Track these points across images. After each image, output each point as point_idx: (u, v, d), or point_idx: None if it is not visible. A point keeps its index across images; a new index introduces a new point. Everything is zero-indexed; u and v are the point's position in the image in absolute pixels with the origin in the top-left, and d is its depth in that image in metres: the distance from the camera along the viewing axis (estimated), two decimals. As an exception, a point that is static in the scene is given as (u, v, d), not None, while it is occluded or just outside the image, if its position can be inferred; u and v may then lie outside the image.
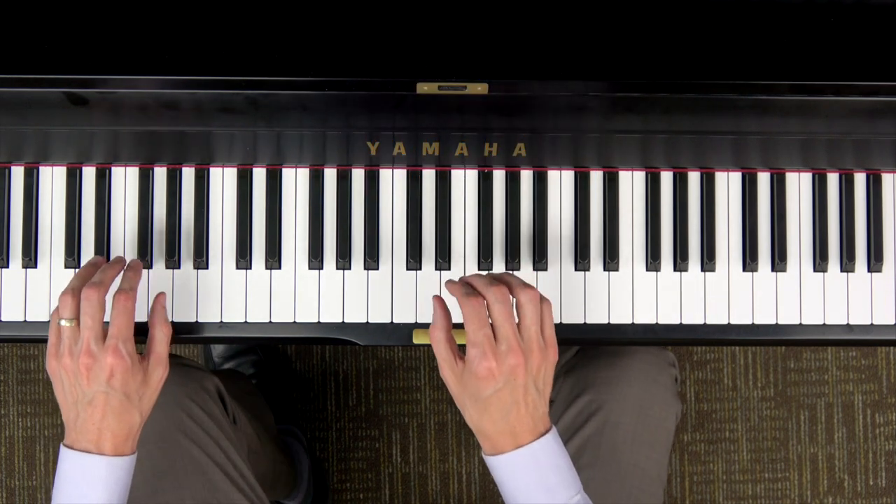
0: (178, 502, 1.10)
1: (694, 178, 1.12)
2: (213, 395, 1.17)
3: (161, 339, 1.00)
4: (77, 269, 1.08)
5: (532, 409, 0.94)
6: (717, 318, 1.11)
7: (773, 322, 1.12)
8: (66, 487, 0.94)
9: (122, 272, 1.01)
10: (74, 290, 0.96)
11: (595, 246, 1.11)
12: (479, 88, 0.96)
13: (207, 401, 1.15)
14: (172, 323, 1.06)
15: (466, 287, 0.97)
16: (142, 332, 1.00)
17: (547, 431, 0.95)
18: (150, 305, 1.04)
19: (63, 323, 0.95)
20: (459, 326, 0.98)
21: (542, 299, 0.97)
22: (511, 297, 0.96)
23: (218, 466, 1.13)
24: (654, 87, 0.97)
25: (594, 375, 1.19)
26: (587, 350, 1.25)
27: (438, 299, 0.99)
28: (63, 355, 0.95)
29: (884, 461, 1.85)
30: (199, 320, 1.09)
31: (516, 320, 0.96)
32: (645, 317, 1.11)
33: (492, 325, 0.95)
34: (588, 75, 0.97)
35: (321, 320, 1.10)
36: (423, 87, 0.95)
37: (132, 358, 0.95)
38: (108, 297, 0.97)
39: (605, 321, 1.11)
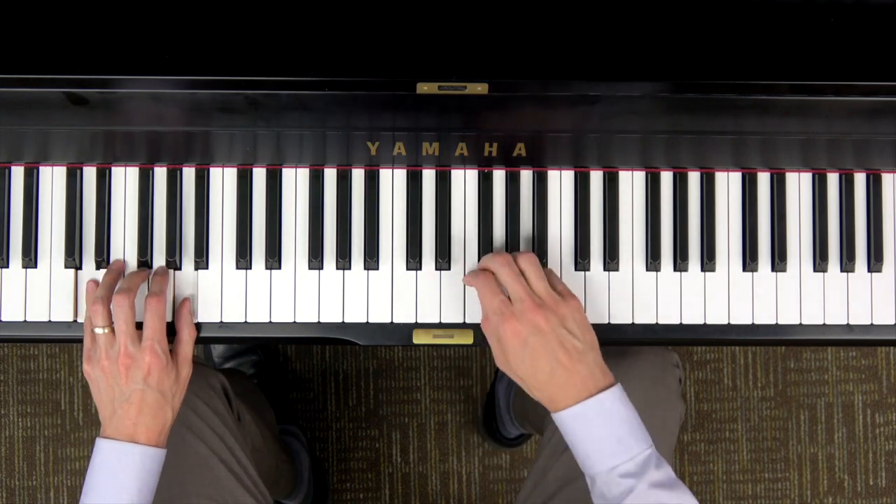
0: (182, 498, 1.11)
1: (694, 178, 1.12)
2: (219, 393, 1.18)
3: (187, 341, 1.06)
4: (77, 270, 1.09)
5: (579, 355, 0.97)
6: (717, 318, 1.11)
7: (773, 322, 1.12)
8: (98, 476, 0.98)
9: (147, 278, 1.07)
10: (104, 299, 1.02)
11: (595, 246, 1.11)
12: (479, 88, 0.95)
13: (213, 398, 1.16)
14: (173, 323, 1.08)
15: (475, 270, 1.06)
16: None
17: (611, 385, 0.97)
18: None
19: (98, 331, 1.01)
20: (456, 326, 1.08)
21: (543, 266, 1.05)
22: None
23: (223, 463, 1.14)
24: (654, 87, 0.97)
25: (597, 375, 1.18)
26: (589, 350, 1.25)
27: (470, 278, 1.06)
28: (100, 359, 1.01)
29: (884, 461, 1.85)
30: (200, 320, 1.09)
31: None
32: (645, 317, 1.11)
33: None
34: (588, 75, 0.97)
35: (321, 320, 1.10)
36: (423, 87, 0.95)
37: (166, 356, 1.01)
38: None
39: (605, 321, 1.11)
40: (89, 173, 1.10)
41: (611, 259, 1.10)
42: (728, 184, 1.12)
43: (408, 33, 0.97)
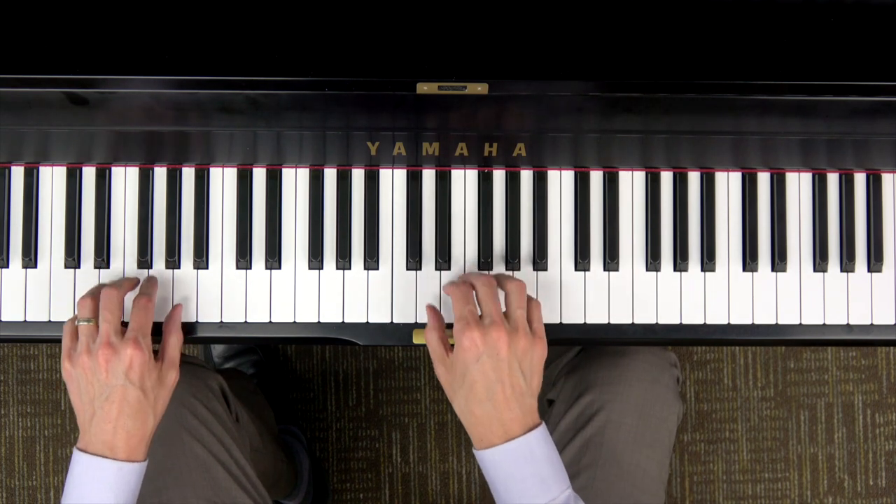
0: (181, 500, 1.10)
1: (694, 178, 1.12)
2: (217, 394, 1.18)
3: (174, 345, 1.03)
4: (77, 269, 1.09)
5: (518, 395, 0.95)
6: (717, 318, 1.11)
7: (773, 322, 1.12)
8: (75, 490, 0.96)
9: (136, 285, 1.06)
10: (93, 294, 1.01)
11: (595, 246, 1.11)
12: (479, 88, 0.95)
13: (211, 399, 1.16)
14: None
15: (456, 280, 1.06)
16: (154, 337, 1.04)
17: (538, 425, 0.96)
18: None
19: (81, 322, 0.99)
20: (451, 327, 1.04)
21: (531, 298, 1.02)
22: (499, 287, 1.01)
23: (221, 464, 1.13)
24: (654, 87, 0.97)
25: (596, 376, 1.19)
26: (589, 350, 1.25)
27: (431, 307, 1.06)
28: (80, 354, 0.97)
29: (884, 461, 1.85)
30: (199, 320, 1.09)
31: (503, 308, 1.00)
32: (645, 317, 1.11)
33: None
34: (588, 75, 0.97)
35: (321, 320, 1.10)
36: (423, 87, 0.95)
37: (149, 352, 0.98)
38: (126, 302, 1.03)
39: (605, 321, 1.11)
40: (89, 173, 1.10)
41: (611, 259, 1.10)
42: (728, 184, 1.12)
43: (407, 33, 0.97)
